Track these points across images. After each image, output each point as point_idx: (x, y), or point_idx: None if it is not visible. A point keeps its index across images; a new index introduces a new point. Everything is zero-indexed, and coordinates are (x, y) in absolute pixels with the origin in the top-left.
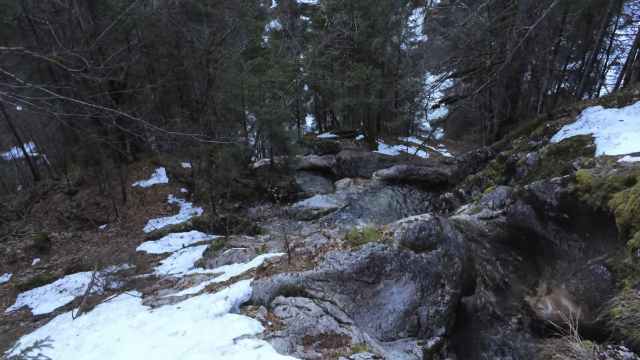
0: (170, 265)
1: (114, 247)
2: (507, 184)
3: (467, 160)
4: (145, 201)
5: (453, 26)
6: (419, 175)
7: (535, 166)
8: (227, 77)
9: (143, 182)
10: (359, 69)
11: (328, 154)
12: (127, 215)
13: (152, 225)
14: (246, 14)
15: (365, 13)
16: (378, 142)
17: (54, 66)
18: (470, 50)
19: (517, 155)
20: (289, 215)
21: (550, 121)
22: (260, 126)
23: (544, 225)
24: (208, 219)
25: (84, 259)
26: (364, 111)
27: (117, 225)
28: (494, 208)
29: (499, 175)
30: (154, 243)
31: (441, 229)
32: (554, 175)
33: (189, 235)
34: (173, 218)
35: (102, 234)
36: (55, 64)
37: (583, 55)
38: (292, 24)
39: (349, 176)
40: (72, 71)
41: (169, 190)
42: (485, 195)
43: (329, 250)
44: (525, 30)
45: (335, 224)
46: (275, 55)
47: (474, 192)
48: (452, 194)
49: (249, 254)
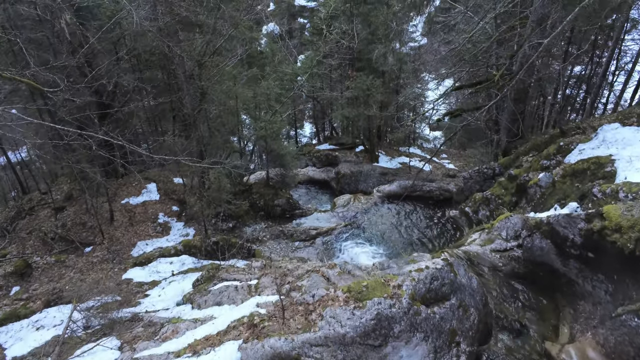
0: (157, 297)
1: (97, 277)
2: (517, 206)
3: (473, 177)
4: (134, 220)
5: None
6: (423, 191)
7: (549, 188)
8: (221, 89)
9: (133, 199)
10: (359, 78)
11: (327, 167)
12: (115, 237)
13: (140, 249)
14: (240, 24)
15: (364, 20)
16: (379, 154)
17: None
18: (476, 61)
19: (528, 176)
20: (286, 235)
21: (563, 139)
22: (256, 141)
23: (565, 262)
24: (199, 242)
25: (65, 289)
26: (364, 123)
27: (103, 249)
28: (507, 239)
29: (509, 195)
30: (141, 269)
31: (455, 276)
32: (570, 199)
33: (179, 260)
34: (163, 240)
35: (87, 258)
36: (29, 85)
37: (591, 60)
38: (290, 27)
39: (348, 191)
40: (47, 91)
41: (159, 208)
42: (498, 223)
43: (329, 305)
44: (539, 43)
45: (335, 263)
46: (272, 62)
47: (482, 212)
48: (457, 212)
49: (240, 293)
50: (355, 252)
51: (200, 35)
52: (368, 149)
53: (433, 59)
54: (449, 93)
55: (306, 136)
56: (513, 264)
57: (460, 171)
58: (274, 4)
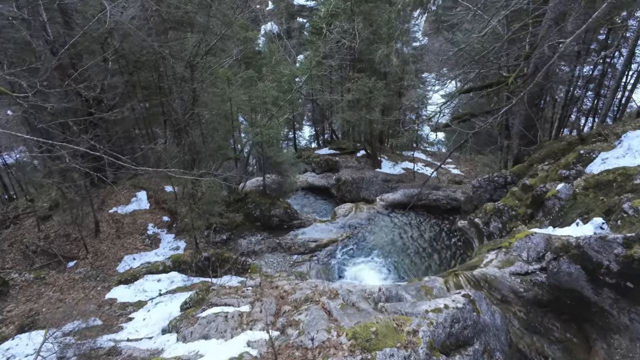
0: (142, 321)
1: (78, 296)
2: (533, 219)
3: (483, 185)
4: (122, 232)
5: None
6: (429, 200)
7: (569, 201)
8: (214, 92)
9: (121, 208)
10: (361, 80)
11: (327, 172)
12: (100, 251)
13: (127, 264)
14: (234, 23)
15: (366, 18)
16: (381, 159)
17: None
18: (486, 63)
19: (545, 187)
20: (283, 248)
21: (583, 146)
22: (252, 147)
23: (598, 290)
24: (190, 258)
25: (42, 311)
26: (366, 127)
27: (86, 264)
28: (529, 261)
29: (523, 207)
30: (126, 288)
31: (477, 315)
32: (594, 214)
33: (168, 278)
34: (152, 254)
35: (69, 274)
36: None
37: (603, 61)
38: (289, 27)
39: (349, 199)
40: (16, 97)
41: (149, 219)
42: (517, 242)
43: (331, 354)
44: (559, 43)
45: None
46: (270, 63)
47: (493, 223)
48: (466, 222)
49: (230, 323)
50: (358, 270)
51: (192, 34)
52: (370, 154)
53: (440, 59)
54: (455, 96)
55: (305, 139)
56: (536, 290)
57: (467, 177)
58: (273, 3)
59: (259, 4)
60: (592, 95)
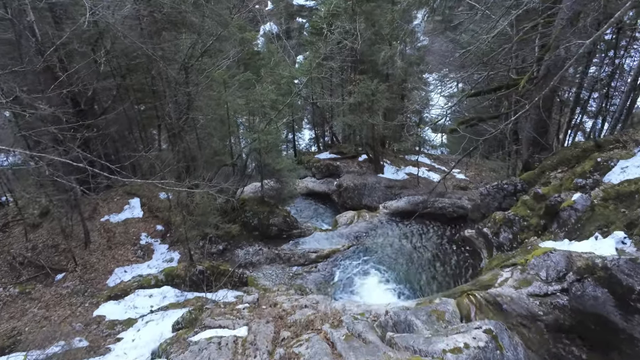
0: (131, 343)
1: (65, 313)
2: (546, 230)
3: (492, 193)
4: (113, 242)
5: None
6: (434, 208)
7: (587, 212)
8: (210, 95)
9: (114, 217)
10: (363, 83)
11: (327, 178)
12: (89, 264)
13: (118, 277)
14: (230, 24)
15: (368, 18)
16: (384, 164)
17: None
18: (494, 65)
19: (560, 196)
20: (282, 259)
21: (600, 153)
22: (249, 154)
23: (627, 317)
24: (184, 271)
25: (24, 331)
26: (368, 131)
27: (75, 277)
28: (548, 281)
29: (536, 217)
30: (116, 304)
31: (501, 352)
32: (615, 227)
33: (160, 293)
34: (144, 265)
35: (56, 289)
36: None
37: (613, 61)
38: (288, 27)
39: (351, 205)
40: None
41: (142, 228)
42: (534, 260)
43: None
44: (579, 44)
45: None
46: (269, 65)
47: (503, 234)
48: (473, 232)
49: (224, 353)
50: (361, 283)
51: (187, 36)
52: (372, 159)
53: (446, 60)
54: (462, 99)
55: (305, 141)
56: (557, 314)
57: (472, 182)
58: (272, 3)
59: (258, 4)
60: (598, 97)
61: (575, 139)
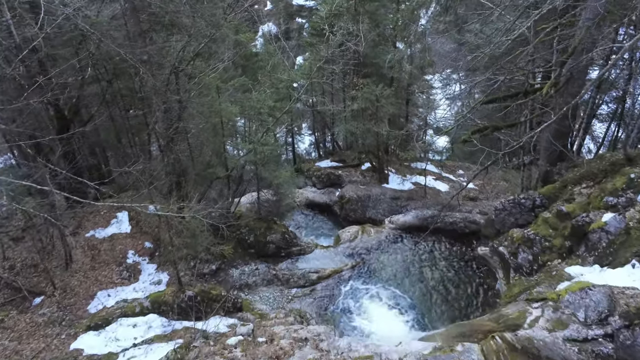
0: None
1: (39, 346)
2: (572, 253)
3: (507, 208)
4: (97, 261)
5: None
6: (444, 223)
7: (621, 236)
8: (202, 102)
9: (100, 232)
10: (367, 87)
11: (329, 187)
12: (69, 287)
13: (100, 301)
14: (223, 25)
15: (371, 18)
16: (389, 173)
17: None
18: (512, 69)
19: (589, 216)
20: (281, 280)
21: (632, 168)
22: (243, 166)
23: None
24: (172, 297)
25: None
26: (372, 140)
27: (53, 303)
28: (588, 324)
29: (560, 238)
30: (96, 335)
31: None
32: None
33: (145, 322)
34: (130, 288)
35: (32, 316)
36: None
37: (630, 63)
38: (288, 27)
39: (354, 218)
40: None
41: (129, 244)
42: (569, 296)
43: None
44: (618, 47)
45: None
46: (266, 68)
47: (522, 254)
48: (487, 249)
49: None
50: (367, 309)
51: (177, 39)
52: (376, 168)
53: (456, 64)
54: (477, 107)
55: (305, 144)
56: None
57: (481, 192)
58: (271, 3)
59: (256, 4)
60: (613, 101)
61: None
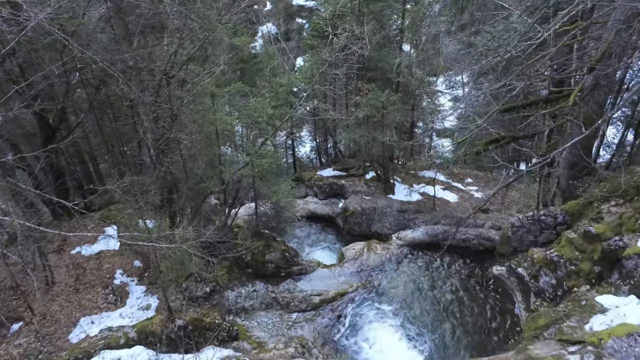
0: None
1: None
2: (603, 280)
3: (526, 225)
4: (82, 282)
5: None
6: (457, 240)
7: None
8: (196, 110)
9: (86, 249)
10: (372, 93)
11: (331, 198)
12: (50, 313)
13: (82, 329)
14: (217, 28)
15: (376, 19)
16: (394, 182)
17: None
18: (533, 74)
19: (622, 240)
20: (280, 304)
21: None
22: (239, 181)
23: None
24: (160, 326)
25: None
26: (377, 149)
27: (30, 332)
28: None
29: (588, 262)
30: None
31: None
32: None
33: (131, 355)
34: (116, 314)
35: (7, 347)
36: None
37: None
38: (287, 28)
39: (359, 232)
40: None
41: (118, 263)
42: (613, 342)
43: None
44: None
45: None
46: (265, 72)
47: (544, 278)
48: (504, 269)
49: None
50: (374, 337)
51: (168, 44)
52: (381, 177)
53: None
54: (492, 115)
55: (306, 149)
56: None
57: (492, 203)
58: (271, 3)
59: (256, 5)
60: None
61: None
